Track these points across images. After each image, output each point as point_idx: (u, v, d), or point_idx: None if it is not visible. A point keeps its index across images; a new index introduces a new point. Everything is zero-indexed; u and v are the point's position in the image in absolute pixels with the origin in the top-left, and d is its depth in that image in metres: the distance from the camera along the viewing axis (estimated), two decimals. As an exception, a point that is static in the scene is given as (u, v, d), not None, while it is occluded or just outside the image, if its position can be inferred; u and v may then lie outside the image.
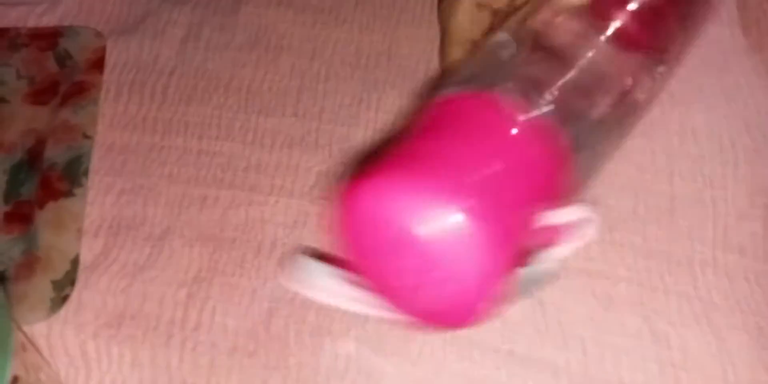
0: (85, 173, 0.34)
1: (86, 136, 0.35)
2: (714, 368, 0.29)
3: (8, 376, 0.24)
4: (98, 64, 0.37)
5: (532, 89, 0.24)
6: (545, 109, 0.24)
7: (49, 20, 0.39)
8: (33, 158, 0.34)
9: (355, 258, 0.25)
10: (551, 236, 0.24)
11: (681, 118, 0.36)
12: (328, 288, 0.25)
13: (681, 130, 0.36)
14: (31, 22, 0.39)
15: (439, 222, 0.21)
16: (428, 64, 0.38)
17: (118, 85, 0.37)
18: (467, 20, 0.33)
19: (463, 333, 0.30)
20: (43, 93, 0.37)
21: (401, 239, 0.22)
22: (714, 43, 0.38)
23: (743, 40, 0.38)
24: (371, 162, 0.24)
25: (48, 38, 0.38)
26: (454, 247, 0.21)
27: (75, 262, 0.31)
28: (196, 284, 0.31)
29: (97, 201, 0.33)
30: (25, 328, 0.30)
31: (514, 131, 0.23)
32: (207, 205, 0.33)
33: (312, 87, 0.37)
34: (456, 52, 0.35)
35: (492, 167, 0.22)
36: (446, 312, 0.23)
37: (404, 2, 0.40)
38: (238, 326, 0.30)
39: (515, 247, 0.22)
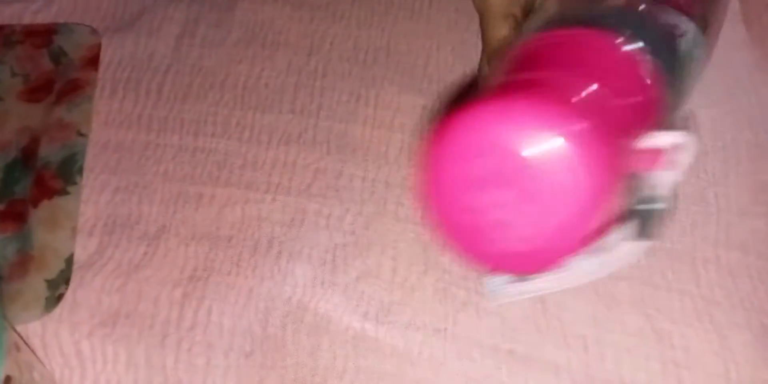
0: (80, 171, 0.33)
1: (81, 134, 0.35)
2: (716, 366, 0.29)
3: (1, 376, 0.23)
4: (93, 61, 0.37)
5: (628, 21, 0.24)
6: (641, 41, 0.24)
7: (44, 17, 0.39)
8: (27, 156, 0.34)
9: (447, 197, 0.23)
10: (653, 161, 0.23)
11: (683, 115, 0.36)
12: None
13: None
14: (26, 19, 0.39)
15: (549, 145, 0.20)
16: (427, 60, 0.37)
17: (113, 83, 0.37)
18: None
19: (463, 332, 0.29)
20: (37, 90, 0.36)
21: (507, 166, 0.21)
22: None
23: (745, 35, 0.38)
24: (467, 96, 0.23)
25: (43, 35, 0.38)
26: (560, 172, 0.20)
27: (69, 261, 0.31)
28: (192, 283, 0.31)
29: (92, 199, 0.33)
30: (19, 328, 0.29)
31: (616, 62, 0.23)
32: (203, 203, 0.33)
33: (309, 83, 0.37)
34: (501, 29, 0.33)
35: (597, 94, 0.22)
36: (539, 249, 0.22)
37: (402, -2, 0.40)
38: (234, 326, 0.29)
39: (623, 172, 0.22)
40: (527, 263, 0.22)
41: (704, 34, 0.27)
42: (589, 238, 0.21)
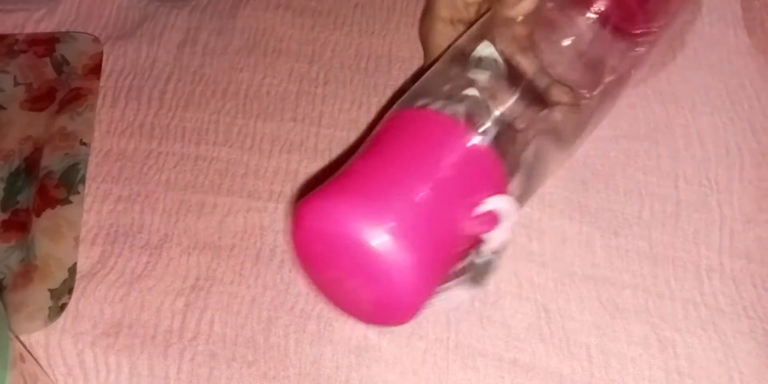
0: (82, 181, 0.33)
1: (83, 143, 0.35)
2: (721, 375, 0.29)
3: (6, 388, 0.23)
4: (95, 70, 0.37)
5: (479, 108, 0.27)
6: (488, 129, 0.27)
7: (46, 26, 0.39)
8: (30, 166, 0.34)
9: (309, 268, 0.28)
10: (492, 222, 0.27)
11: (686, 121, 0.36)
12: None
13: (686, 134, 0.35)
14: (29, 28, 0.39)
15: (367, 239, 0.24)
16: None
17: (115, 91, 0.37)
18: (445, 40, 0.33)
19: (466, 341, 0.29)
20: (40, 99, 0.36)
21: (338, 253, 0.25)
22: (718, 45, 0.38)
23: (748, 42, 0.38)
24: (323, 179, 0.27)
25: (45, 44, 0.38)
26: (380, 261, 0.24)
27: (72, 271, 0.31)
28: (194, 293, 0.30)
29: (94, 208, 0.33)
30: (23, 338, 0.29)
31: (453, 148, 0.26)
32: (205, 212, 0.33)
33: (311, 91, 0.37)
34: (441, 32, 0.34)
35: (425, 182, 0.25)
36: (384, 313, 0.27)
37: (404, 5, 0.40)
38: (236, 335, 0.29)
39: (442, 250, 0.25)
40: (381, 320, 0.28)
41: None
42: (411, 311, 0.26)
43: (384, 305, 0.26)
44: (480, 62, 0.29)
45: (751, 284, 0.31)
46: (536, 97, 0.28)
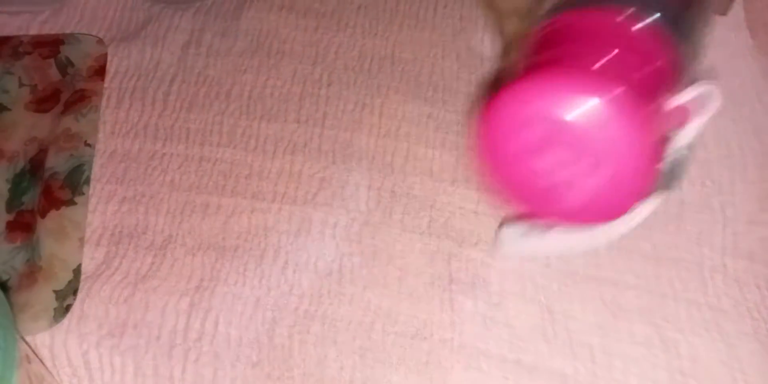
0: (87, 181, 0.34)
1: (87, 144, 0.35)
2: (724, 376, 0.29)
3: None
4: (100, 71, 0.37)
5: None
6: (653, 14, 0.25)
7: (51, 28, 0.39)
8: (35, 167, 0.34)
9: (505, 169, 0.25)
10: (682, 117, 0.25)
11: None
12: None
13: (688, 134, 0.35)
14: (34, 30, 0.39)
15: (591, 110, 0.22)
16: (432, 68, 0.37)
17: (119, 93, 0.37)
18: None
19: (470, 342, 0.29)
20: (45, 101, 0.37)
21: (554, 133, 0.23)
22: (721, 46, 0.38)
23: (750, 43, 0.38)
24: (506, 80, 0.24)
25: (50, 46, 0.38)
26: (605, 131, 0.22)
27: (77, 272, 0.31)
28: (199, 293, 0.31)
29: (99, 209, 0.33)
30: (28, 338, 0.29)
31: (634, 35, 0.25)
32: (209, 213, 0.33)
33: (314, 92, 0.37)
34: (512, 24, 0.34)
35: (623, 64, 0.24)
36: (604, 200, 0.24)
37: (407, 6, 0.40)
38: (241, 336, 0.30)
39: (656, 130, 0.24)
40: (595, 214, 0.25)
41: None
42: (643, 185, 0.23)
43: (615, 182, 0.23)
44: None
45: (755, 285, 0.31)
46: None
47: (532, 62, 0.25)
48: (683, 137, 0.25)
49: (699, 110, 0.25)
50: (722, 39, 0.38)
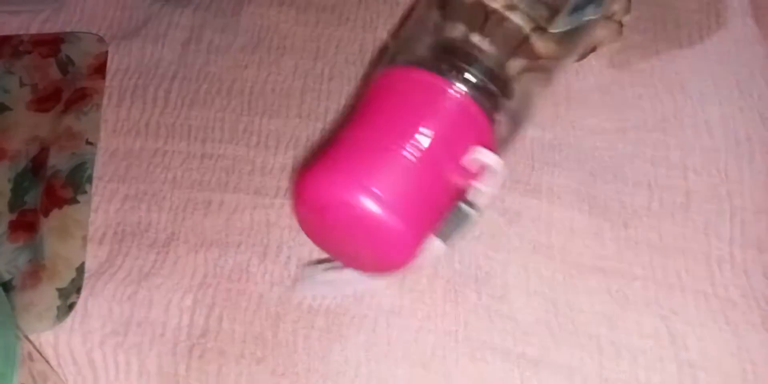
0: (89, 180, 0.34)
1: (89, 143, 0.35)
2: (733, 367, 0.28)
3: (15, 387, 0.23)
4: (100, 69, 0.37)
5: (457, 61, 0.28)
6: (469, 81, 0.28)
7: (51, 26, 0.39)
8: (37, 166, 0.34)
9: (309, 233, 0.29)
10: (474, 174, 0.28)
11: (694, 112, 0.35)
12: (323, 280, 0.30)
13: (695, 124, 0.35)
14: (34, 29, 0.39)
15: (357, 208, 0.25)
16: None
17: (120, 91, 0.37)
18: None
19: (475, 335, 0.29)
20: (46, 100, 0.37)
21: (332, 220, 0.27)
22: (726, 34, 0.38)
23: (756, 31, 0.37)
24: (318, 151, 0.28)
25: (50, 45, 0.38)
26: (369, 225, 0.26)
27: (80, 270, 0.31)
28: (202, 290, 0.30)
29: (102, 208, 0.33)
30: (32, 337, 0.29)
31: (438, 103, 0.27)
32: (211, 209, 0.33)
33: (316, 87, 0.37)
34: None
35: (409, 140, 0.26)
36: (382, 267, 0.28)
37: (408, -1, 0.40)
38: (245, 332, 0.29)
39: (429, 203, 0.27)
40: (378, 271, 0.29)
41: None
42: (404, 259, 0.27)
43: (381, 259, 0.27)
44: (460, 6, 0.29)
45: (763, 275, 0.30)
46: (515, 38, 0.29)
47: (334, 138, 0.28)
48: (475, 197, 0.28)
49: (490, 176, 0.27)
50: (728, 27, 0.38)
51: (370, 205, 0.25)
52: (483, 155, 0.27)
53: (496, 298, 0.30)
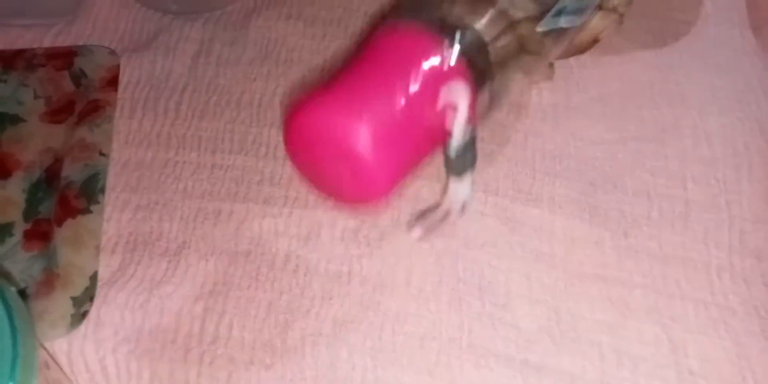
0: (102, 190, 0.34)
1: (102, 154, 0.35)
2: (733, 375, 0.29)
3: (32, 394, 0.24)
4: (113, 82, 0.38)
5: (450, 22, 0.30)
6: (458, 41, 0.29)
7: (64, 40, 0.40)
8: (51, 177, 0.35)
9: (298, 163, 0.32)
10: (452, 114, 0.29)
11: (693, 122, 0.36)
12: None
13: (694, 134, 0.35)
14: (47, 42, 0.40)
15: (347, 137, 0.28)
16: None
17: (132, 103, 0.37)
18: None
19: (479, 342, 0.30)
20: (59, 112, 0.37)
21: (324, 149, 0.29)
22: (724, 45, 0.38)
23: (754, 42, 0.38)
24: (313, 87, 0.30)
25: (63, 58, 0.39)
26: (356, 155, 0.28)
27: (93, 279, 0.32)
28: (212, 298, 0.31)
29: (114, 217, 0.34)
30: (46, 345, 0.30)
31: (424, 63, 0.29)
32: (221, 219, 0.33)
33: (323, 99, 0.37)
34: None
35: (396, 92, 0.28)
36: (361, 198, 0.31)
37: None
38: (254, 339, 0.30)
39: (410, 139, 0.29)
40: (365, 202, 0.31)
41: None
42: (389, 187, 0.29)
43: (360, 187, 0.30)
44: None
45: (762, 283, 0.31)
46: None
47: (330, 79, 0.30)
48: (456, 130, 0.29)
49: (459, 104, 0.29)
50: (726, 38, 0.38)
51: (359, 132, 0.27)
52: (455, 92, 0.29)
53: (499, 306, 0.31)
